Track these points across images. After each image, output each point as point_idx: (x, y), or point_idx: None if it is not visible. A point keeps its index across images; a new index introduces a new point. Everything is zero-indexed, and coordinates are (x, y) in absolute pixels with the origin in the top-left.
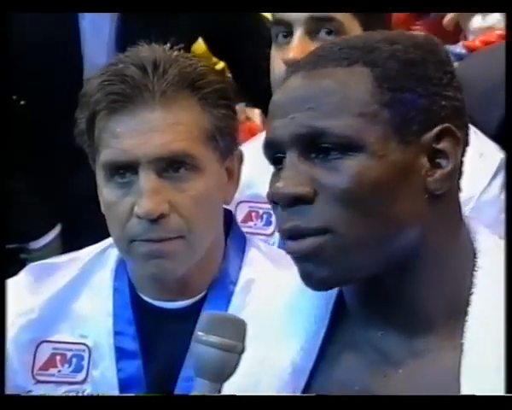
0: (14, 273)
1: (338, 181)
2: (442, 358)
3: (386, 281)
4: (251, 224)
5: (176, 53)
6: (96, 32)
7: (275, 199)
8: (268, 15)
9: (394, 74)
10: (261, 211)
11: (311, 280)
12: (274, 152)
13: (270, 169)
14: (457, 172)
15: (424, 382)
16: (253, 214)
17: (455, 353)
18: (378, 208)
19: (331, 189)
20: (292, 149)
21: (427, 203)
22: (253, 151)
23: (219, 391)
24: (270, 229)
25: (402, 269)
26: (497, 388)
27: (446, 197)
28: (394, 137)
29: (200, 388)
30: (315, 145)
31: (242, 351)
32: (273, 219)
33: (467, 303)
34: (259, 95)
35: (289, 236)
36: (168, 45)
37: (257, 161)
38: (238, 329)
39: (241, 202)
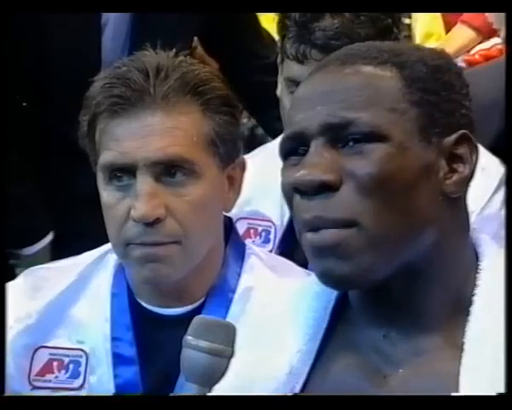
0: (3, 279)
1: (364, 166)
2: (443, 357)
3: (394, 285)
4: (249, 241)
5: (180, 59)
6: (114, 36)
7: (299, 186)
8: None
9: (423, 76)
10: (260, 228)
11: (331, 277)
12: (296, 145)
13: (270, 186)
14: (472, 178)
15: (423, 381)
16: (252, 231)
17: (455, 352)
18: (401, 200)
19: (357, 174)
20: (318, 138)
21: (442, 205)
22: (252, 168)
23: None
24: (269, 246)
25: (411, 272)
26: (494, 387)
27: (459, 202)
28: (418, 136)
29: (189, 392)
30: (344, 135)
31: (231, 356)
32: (271, 236)
33: (469, 304)
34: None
35: (310, 227)
36: (173, 51)
37: (256, 177)
38: (227, 334)
39: (239, 218)
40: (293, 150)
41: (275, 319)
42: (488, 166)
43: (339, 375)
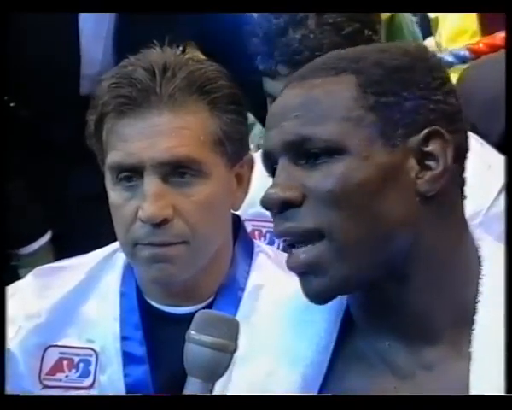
0: (5, 280)
1: (324, 183)
2: (450, 368)
3: (387, 290)
4: None
5: (187, 57)
6: (95, 32)
7: (265, 205)
8: None
9: (378, 79)
10: (264, 230)
11: (311, 293)
12: (270, 162)
13: None
14: (448, 174)
15: (433, 392)
16: (256, 233)
17: (463, 362)
18: (366, 209)
19: (318, 191)
20: (282, 156)
21: (419, 205)
22: (256, 169)
23: (211, 391)
24: (274, 247)
25: (401, 276)
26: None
27: (441, 199)
28: (380, 140)
29: (192, 387)
30: (303, 151)
31: (235, 350)
32: None
33: (473, 311)
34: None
35: (285, 239)
36: (180, 49)
37: (260, 179)
38: (231, 328)
39: (244, 220)
40: (270, 168)
41: (285, 323)
42: (495, 164)
43: (351, 386)
